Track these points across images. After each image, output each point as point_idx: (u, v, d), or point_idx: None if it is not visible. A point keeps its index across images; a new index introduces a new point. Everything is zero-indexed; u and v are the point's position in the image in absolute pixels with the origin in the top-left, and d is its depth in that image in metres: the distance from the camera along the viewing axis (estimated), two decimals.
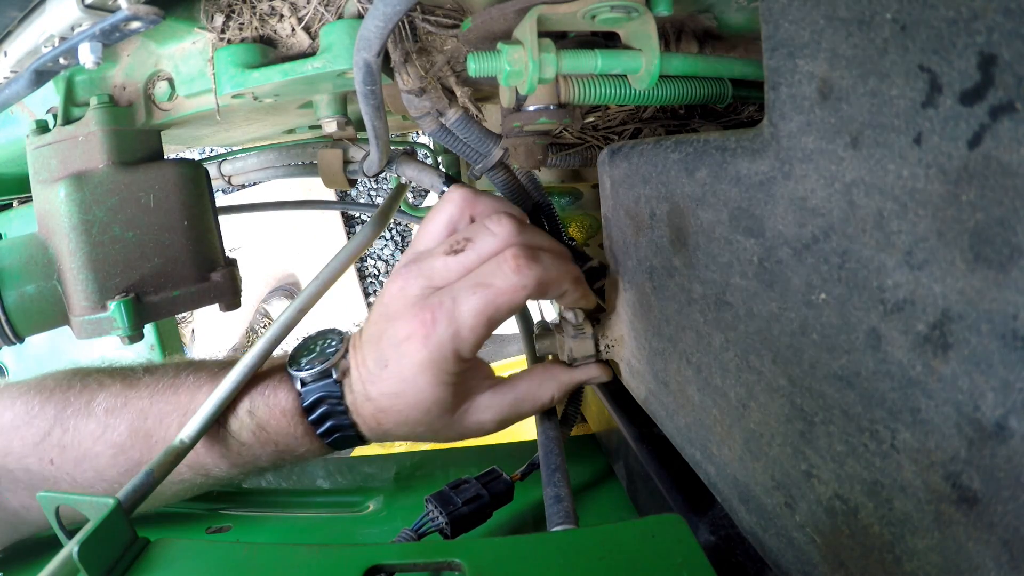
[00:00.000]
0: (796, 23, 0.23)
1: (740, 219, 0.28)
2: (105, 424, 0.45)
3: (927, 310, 0.19)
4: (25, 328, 0.44)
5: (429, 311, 0.39)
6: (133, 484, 0.36)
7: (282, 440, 0.44)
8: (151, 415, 0.44)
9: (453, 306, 0.38)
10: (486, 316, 0.38)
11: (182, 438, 0.40)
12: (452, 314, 0.38)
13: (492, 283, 0.38)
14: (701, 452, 0.36)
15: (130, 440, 0.44)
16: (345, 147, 0.57)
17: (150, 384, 0.46)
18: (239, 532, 0.64)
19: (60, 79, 0.45)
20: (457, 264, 0.40)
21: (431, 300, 0.39)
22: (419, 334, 0.39)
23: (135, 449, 0.44)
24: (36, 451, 0.45)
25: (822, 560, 0.27)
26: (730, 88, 0.43)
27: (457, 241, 0.40)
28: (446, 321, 0.38)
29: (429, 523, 0.46)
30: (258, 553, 0.30)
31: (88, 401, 0.46)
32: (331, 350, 0.44)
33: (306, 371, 0.43)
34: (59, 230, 0.44)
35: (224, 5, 0.42)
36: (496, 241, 0.39)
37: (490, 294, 0.38)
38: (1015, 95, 0.16)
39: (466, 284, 0.38)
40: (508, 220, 0.40)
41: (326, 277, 0.47)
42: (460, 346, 0.39)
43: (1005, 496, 0.18)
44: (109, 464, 0.45)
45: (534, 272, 0.38)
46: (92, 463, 0.45)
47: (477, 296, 0.38)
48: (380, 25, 0.34)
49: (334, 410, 0.43)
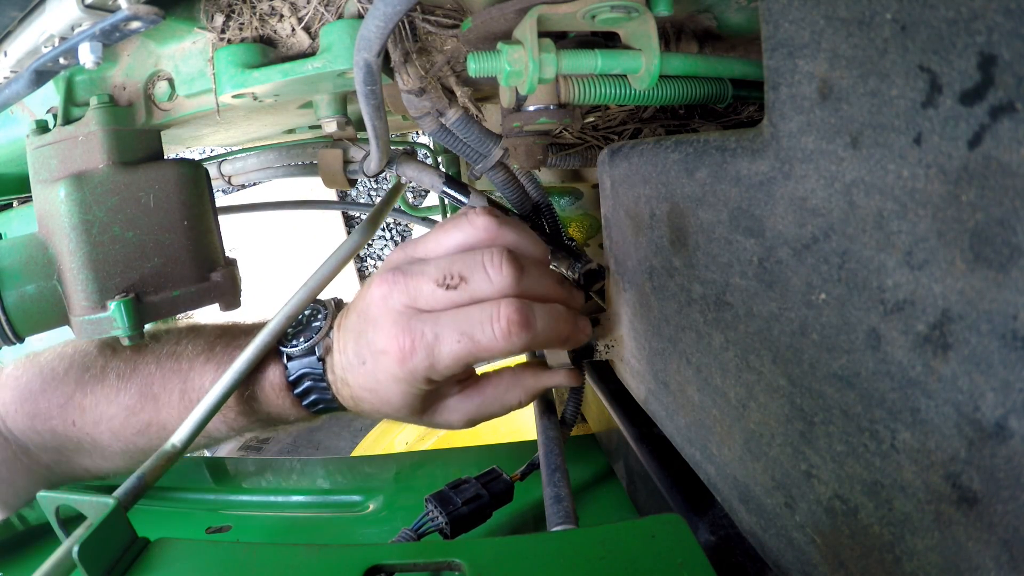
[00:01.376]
0: (796, 23, 0.23)
1: (740, 219, 0.28)
2: (118, 388, 0.49)
3: (927, 310, 0.19)
4: (25, 328, 0.44)
5: (409, 338, 0.38)
6: (126, 487, 0.37)
7: (273, 410, 0.48)
8: (156, 380, 0.48)
9: (434, 342, 0.38)
10: (464, 362, 0.39)
11: (174, 443, 0.41)
12: (431, 349, 0.38)
13: (477, 339, 0.37)
14: (701, 452, 0.36)
15: (140, 403, 0.48)
16: (345, 147, 0.57)
17: (155, 351, 0.50)
18: (239, 532, 0.64)
19: (60, 79, 0.45)
20: (446, 299, 0.39)
21: (412, 325, 0.39)
22: (395, 355, 0.39)
23: (145, 411, 0.48)
24: (61, 413, 0.49)
25: (822, 560, 0.27)
26: (730, 88, 0.43)
27: (451, 276, 0.39)
28: (424, 353, 0.38)
29: (429, 523, 0.46)
30: (258, 553, 0.30)
31: (103, 367, 0.50)
32: (317, 324, 0.47)
33: (292, 347, 0.46)
34: (59, 230, 0.44)
35: (224, 5, 0.42)
36: (491, 289, 0.38)
37: (472, 347, 0.37)
38: (1015, 95, 0.16)
39: (451, 326, 0.38)
40: (510, 270, 0.38)
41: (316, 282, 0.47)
42: (433, 375, 0.40)
43: (1005, 496, 0.18)
44: (123, 425, 0.49)
45: (523, 339, 0.37)
46: (108, 424, 0.49)
47: (460, 344, 0.38)
48: (380, 25, 0.33)
49: (317, 385, 0.46)
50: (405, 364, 0.39)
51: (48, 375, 0.51)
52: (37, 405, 0.50)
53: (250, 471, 0.77)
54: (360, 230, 0.52)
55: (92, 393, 0.49)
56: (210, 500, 0.71)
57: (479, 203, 0.53)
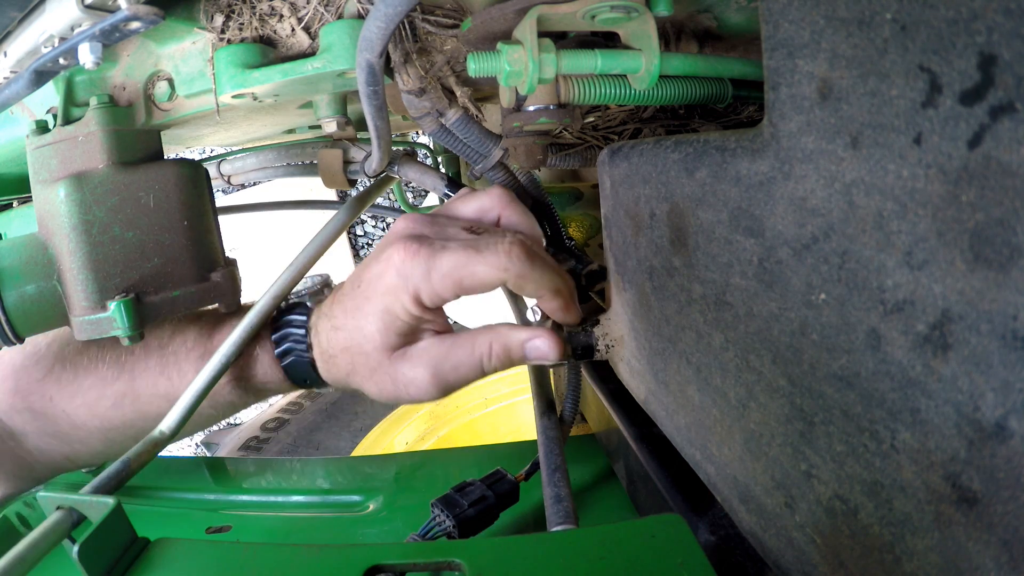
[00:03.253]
0: (796, 23, 0.23)
1: (740, 219, 0.28)
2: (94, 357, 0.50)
3: (927, 310, 0.19)
4: (25, 328, 0.44)
5: (417, 243, 0.40)
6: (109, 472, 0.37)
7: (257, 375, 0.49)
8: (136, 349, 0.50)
9: (440, 249, 0.40)
10: (459, 275, 0.39)
11: (162, 429, 0.42)
12: (433, 255, 0.40)
13: (481, 252, 0.39)
14: (701, 452, 0.36)
15: (115, 372, 0.49)
16: (345, 147, 0.57)
17: None
18: (239, 532, 0.64)
19: (60, 79, 0.45)
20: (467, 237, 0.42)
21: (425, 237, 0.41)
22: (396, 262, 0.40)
23: (120, 380, 0.49)
24: (39, 387, 0.50)
25: (822, 560, 0.27)
26: (730, 88, 0.43)
27: (479, 226, 0.44)
28: (425, 256, 0.40)
29: (436, 527, 0.46)
30: (258, 553, 0.30)
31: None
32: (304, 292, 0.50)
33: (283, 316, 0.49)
34: (59, 230, 0.44)
35: (224, 5, 0.42)
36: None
37: (474, 258, 0.39)
38: (1015, 95, 0.16)
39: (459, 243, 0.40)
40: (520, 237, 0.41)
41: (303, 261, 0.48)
42: (423, 288, 0.40)
43: (1005, 496, 0.18)
44: (97, 398, 0.50)
45: (521, 264, 0.39)
46: (83, 397, 0.50)
47: (463, 254, 0.39)
48: (382, 26, 0.34)
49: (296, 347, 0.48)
50: (404, 267, 0.40)
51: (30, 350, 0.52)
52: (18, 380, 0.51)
53: (250, 471, 0.77)
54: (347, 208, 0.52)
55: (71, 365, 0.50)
56: (210, 500, 0.71)
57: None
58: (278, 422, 1.47)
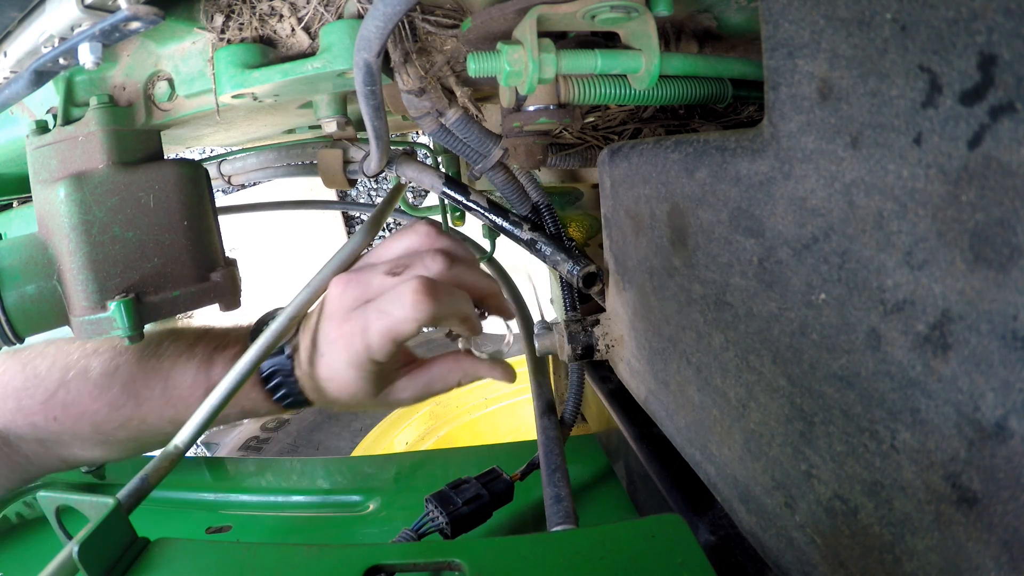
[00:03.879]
0: (796, 23, 0.23)
1: (740, 219, 0.28)
2: (100, 386, 0.52)
3: (927, 310, 0.19)
4: (25, 328, 0.44)
5: (349, 325, 0.46)
6: (130, 488, 0.37)
7: (247, 405, 0.52)
8: (138, 379, 0.52)
9: (367, 325, 0.45)
10: (389, 338, 0.45)
11: (176, 444, 0.42)
12: (365, 332, 0.45)
13: (393, 312, 0.44)
14: (701, 452, 0.36)
15: (122, 399, 0.52)
16: (345, 147, 0.57)
17: (136, 352, 0.53)
18: (239, 532, 0.64)
19: (60, 79, 0.45)
20: (391, 284, 0.46)
21: (355, 315, 0.46)
22: (342, 342, 0.46)
23: (126, 407, 0.52)
24: (43, 409, 0.52)
25: (822, 560, 0.27)
26: (730, 88, 0.43)
27: (398, 265, 0.47)
28: (360, 336, 0.45)
29: (429, 523, 0.46)
30: (258, 553, 0.30)
31: (85, 367, 0.53)
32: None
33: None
34: (59, 230, 0.44)
35: (224, 5, 0.42)
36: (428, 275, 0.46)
37: (390, 322, 0.44)
38: (1015, 95, 0.16)
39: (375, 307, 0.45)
40: (443, 259, 0.47)
41: (319, 283, 0.48)
42: (373, 355, 0.46)
43: (1005, 496, 0.18)
44: (105, 419, 0.52)
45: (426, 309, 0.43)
46: (91, 419, 0.52)
47: (381, 321, 0.44)
48: (380, 25, 0.33)
49: (286, 380, 0.51)
50: (350, 349, 0.46)
51: (30, 373, 0.53)
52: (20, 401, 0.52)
53: (250, 471, 0.77)
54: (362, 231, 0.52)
55: (75, 391, 0.52)
56: (210, 500, 0.71)
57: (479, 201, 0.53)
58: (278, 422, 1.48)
